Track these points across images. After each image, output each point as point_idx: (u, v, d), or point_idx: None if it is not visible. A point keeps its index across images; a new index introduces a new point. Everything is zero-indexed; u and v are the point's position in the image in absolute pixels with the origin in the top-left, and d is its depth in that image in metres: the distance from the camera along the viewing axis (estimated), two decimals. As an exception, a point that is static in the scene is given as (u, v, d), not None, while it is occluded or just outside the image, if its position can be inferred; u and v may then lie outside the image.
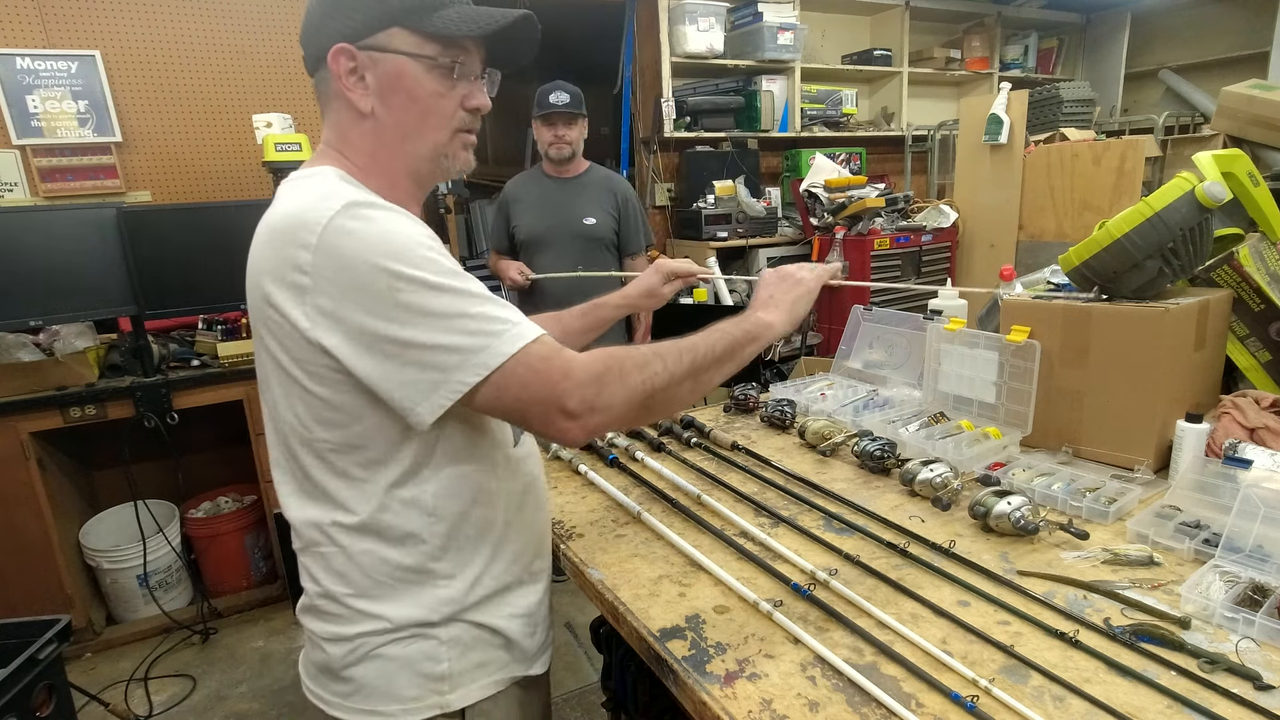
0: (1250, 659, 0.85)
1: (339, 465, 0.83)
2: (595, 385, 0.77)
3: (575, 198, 2.69)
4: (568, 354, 0.78)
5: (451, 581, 0.88)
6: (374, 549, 0.85)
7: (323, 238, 0.73)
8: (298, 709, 2.32)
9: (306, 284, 0.74)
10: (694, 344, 0.88)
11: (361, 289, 0.73)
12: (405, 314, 0.73)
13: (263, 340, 0.81)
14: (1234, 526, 1.04)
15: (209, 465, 3.05)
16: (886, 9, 4.48)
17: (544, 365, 0.76)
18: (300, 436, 0.83)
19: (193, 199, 3.00)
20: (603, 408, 0.78)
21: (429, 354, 0.74)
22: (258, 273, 0.79)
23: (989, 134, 3.54)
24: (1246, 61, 4.56)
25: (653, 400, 0.82)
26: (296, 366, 0.78)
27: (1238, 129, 3.07)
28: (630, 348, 0.83)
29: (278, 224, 0.77)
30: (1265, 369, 1.48)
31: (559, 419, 0.77)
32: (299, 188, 0.81)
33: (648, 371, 0.81)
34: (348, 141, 0.87)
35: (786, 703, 0.81)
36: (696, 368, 0.86)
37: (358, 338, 0.74)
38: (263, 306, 0.78)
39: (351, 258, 0.73)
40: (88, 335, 2.61)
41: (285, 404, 0.82)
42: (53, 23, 2.72)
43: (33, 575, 2.46)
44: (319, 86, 0.88)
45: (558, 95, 2.55)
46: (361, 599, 0.86)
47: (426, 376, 0.74)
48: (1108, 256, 1.31)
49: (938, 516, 1.23)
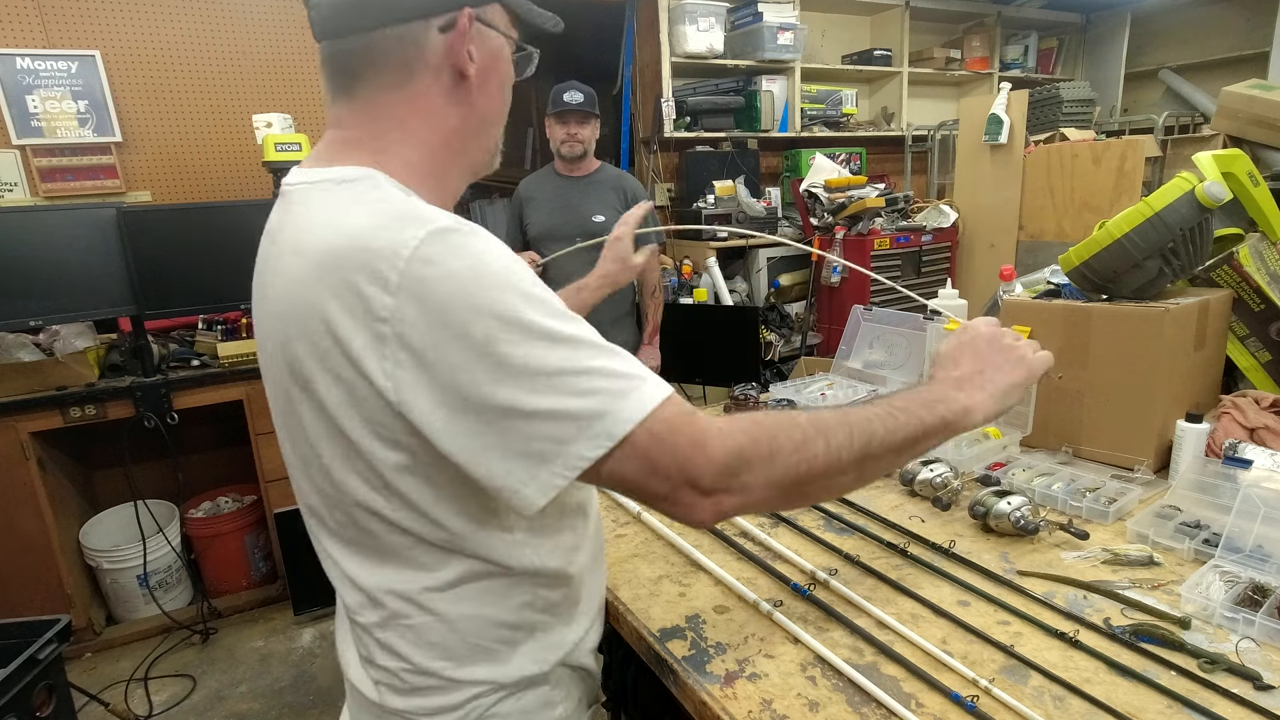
0: (1250, 659, 0.85)
1: (418, 531, 0.68)
2: (735, 461, 0.63)
3: (586, 196, 2.70)
4: (702, 420, 0.63)
5: (566, 629, 0.79)
6: (477, 611, 0.72)
7: (407, 274, 0.57)
8: (298, 709, 2.32)
9: (385, 333, 0.58)
10: (869, 421, 0.69)
11: (455, 340, 0.58)
12: (507, 371, 0.58)
13: (310, 385, 0.64)
14: (1234, 526, 1.04)
15: (209, 465, 3.05)
16: (886, 9, 4.48)
17: (673, 434, 0.61)
18: (366, 506, 0.68)
19: (193, 199, 3.00)
20: (740, 489, 0.63)
21: (537, 423, 0.59)
22: (308, 305, 0.61)
23: (989, 134, 3.54)
24: (1246, 61, 4.56)
25: (806, 488, 0.67)
26: (365, 428, 0.63)
27: (1238, 129, 3.07)
28: (792, 417, 0.67)
29: (338, 247, 0.60)
30: (1265, 369, 1.48)
31: (687, 495, 0.63)
32: (348, 197, 0.65)
33: (805, 453, 0.65)
34: (407, 129, 0.70)
35: (786, 703, 0.81)
36: (869, 454, 0.69)
37: (446, 402, 0.59)
38: (320, 344, 0.61)
39: (443, 301, 0.57)
40: (88, 335, 2.61)
41: (342, 469, 0.67)
42: (53, 23, 2.72)
43: (33, 575, 2.46)
44: (373, 54, 0.67)
45: (572, 94, 2.59)
46: (465, 667, 0.73)
47: (534, 449, 0.59)
48: (1108, 256, 1.31)
49: (938, 516, 1.23)
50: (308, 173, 0.70)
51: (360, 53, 0.68)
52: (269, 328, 0.68)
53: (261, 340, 0.72)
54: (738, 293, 3.72)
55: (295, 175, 0.72)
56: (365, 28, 0.66)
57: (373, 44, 0.67)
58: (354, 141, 0.70)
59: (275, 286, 0.67)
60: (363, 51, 0.67)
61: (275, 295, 0.66)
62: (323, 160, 0.71)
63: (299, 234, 0.65)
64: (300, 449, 0.71)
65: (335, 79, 0.70)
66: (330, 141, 0.72)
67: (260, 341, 0.73)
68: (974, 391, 0.78)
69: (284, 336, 0.65)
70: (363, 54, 0.68)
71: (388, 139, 0.70)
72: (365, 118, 0.70)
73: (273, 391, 0.73)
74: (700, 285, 3.57)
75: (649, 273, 2.85)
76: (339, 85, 0.70)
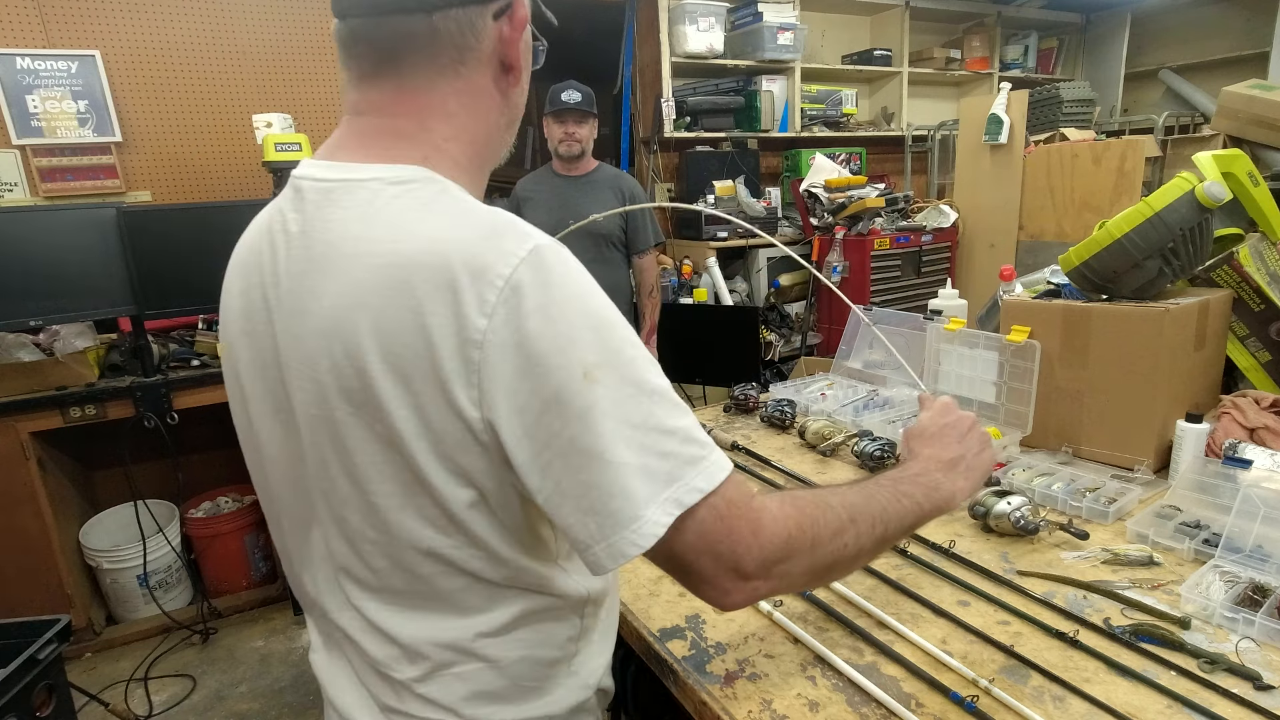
0: (1250, 659, 0.85)
1: (477, 570, 0.64)
2: (783, 550, 0.61)
3: (583, 196, 2.71)
4: (758, 502, 0.61)
5: (601, 653, 0.77)
6: (529, 652, 0.69)
7: (506, 295, 0.53)
8: (298, 709, 2.32)
9: (476, 358, 0.54)
10: (885, 512, 0.70)
11: (551, 372, 0.54)
12: (599, 415, 0.54)
13: (381, 410, 0.57)
14: (1234, 526, 1.04)
15: (209, 465, 3.04)
16: (886, 9, 4.48)
17: (733, 514, 0.58)
18: (422, 547, 0.62)
19: (193, 199, 3.00)
20: (780, 575, 0.61)
21: (615, 474, 0.55)
22: (387, 319, 0.55)
23: (989, 134, 3.54)
24: (1246, 61, 4.56)
25: (831, 574, 0.69)
26: (437, 461, 0.58)
27: (1238, 129, 3.07)
28: (825, 499, 0.66)
29: (424, 258, 0.55)
30: (1265, 369, 1.48)
31: (728, 578, 0.59)
32: (415, 202, 0.59)
33: (839, 542, 0.65)
34: (455, 122, 0.64)
35: (786, 703, 0.81)
36: (884, 541, 0.70)
37: (532, 435, 0.55)
38: (403, 365, 0.56)
39: (540, 330, 0.53)
40: (88, 335, 2.61)
41: (400, 507, 0.61)
42: (53, 23, 2.72)
43: (33, 575, 2.46)
44: (429, 38, 0.61)
45: (570, 93, 2.60)
46: (515, 706, 0.70)
47: (612, 507, 0.55)
48: (1108, 256, 1.31)
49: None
50: (344, 168, 0.62)
51: (412, 35, 0.61)
52: (309, 346, 0.60)
53: (284, 361, 0.63)
54: (738, 293, 3.72)
55: (319, 169, 0.63)
56: (425, 8, 0.60)
57: (432, 26, 0.60)
58: (397, 132, 0.63)
59: (326, 298, 0.58)
60: (416, 34, 0.61)
61: (326, 307, 0.58)
62: (358, 152, 0.63)
63: (358, 241, 0.58)
64: (337, 491, 0.63)
65: (368, 60, 0.62)
66: (364, 131, 0.64)
67: (281, 362, 0.63)
68: (957, 479, 0.79)
69: (340, 355, 0.58)
70: (415, 37, 0.61)
71: (438, 132, 0.63)
72: (412, 106, 0.63)
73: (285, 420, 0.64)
74: (700, 285, 3.57)
75: (646, 272, 2.86)
76: (373, 68, 0.62)
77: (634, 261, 2.85)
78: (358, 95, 0.64)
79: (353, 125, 0.65)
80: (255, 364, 0.67)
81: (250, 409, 0.70)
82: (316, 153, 0.67)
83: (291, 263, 0.62)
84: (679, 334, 3.10)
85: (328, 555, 0.68)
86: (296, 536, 0.71)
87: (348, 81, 0.65)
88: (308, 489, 0.66)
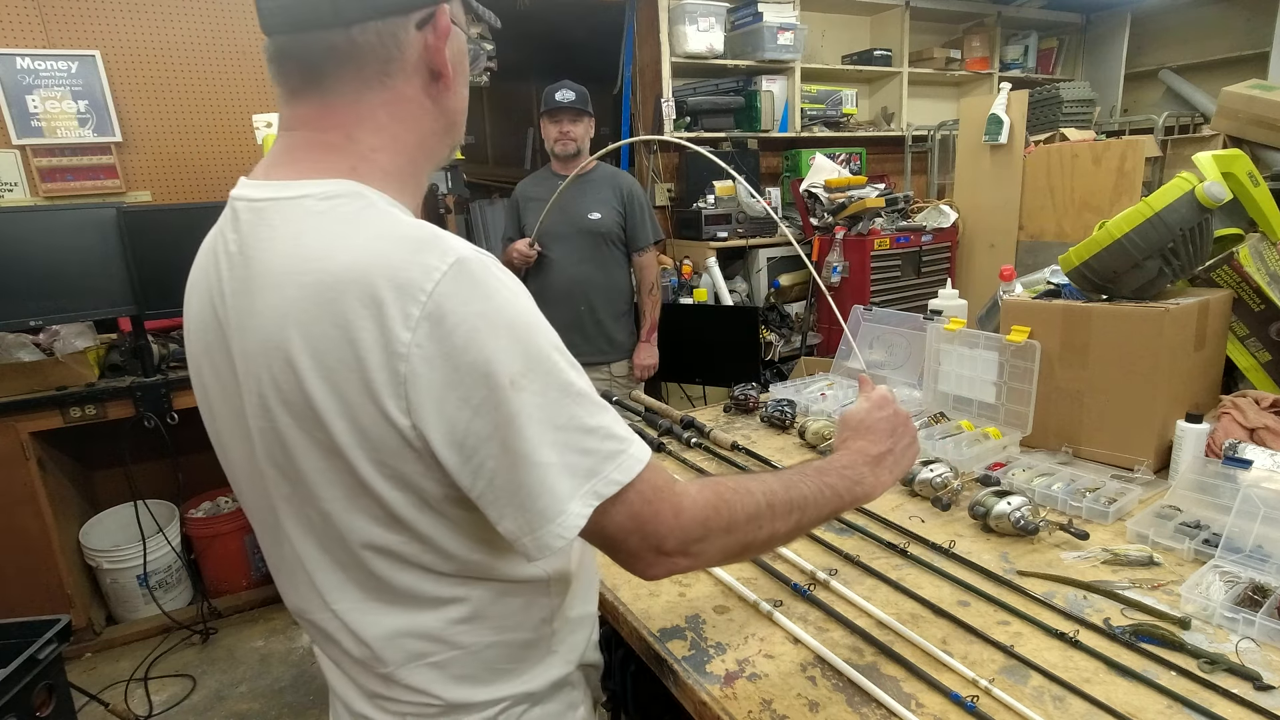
0: (1250, 659, 0.85)
1: (430, 564, 0.66)
2: (699, 530, 0.67)
3: (581, 195, 2.71)
4: (679, 487, 0.67)
5: (580, 629, 0.80)
6: (499, 638, 0.72)
7: (429, 309, 0.55)
8: (298, 709, 2.32)
9: (403, 371, 0.56)
10: (804, 500, 0.75)
11: (474, 383, 0.56)
12: (524, 420, 0.57)
13: (320, 420, 0.59)
14: (1234, 526, 1.04)
15: (209, 465, 2.99)
16: (886, 9, 4.48)
17: (656, 498, 0.64)
18: (374, 545, 0.65)
19: (193, 199, 3.00)
20: (697, 554, 0.68)
21: (541, 474, 0.58)
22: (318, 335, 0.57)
23: (989, 134, 3.54)
24: (1246, 61, 4.56)
25: (745, 554, 0.74)
26: (375, 469, 0.60)
27: (1238, 129, 3.07)
28: (747, 486, 0.71)
29: (348, 274, 0.56)
30: (1265, 369, 1.48)
31: (649, 555, 0.66)
32: (341, 217, 0.60)
33: (753, 526, 0.70)
34: (386, 133, 0.66)
35: (786, 703, 0.81)
36: (800, 527, 0.75)
37: (458, 444, 0.58)
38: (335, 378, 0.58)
39: (465, 341, 0.55)
40: (88, 335, 2.61)
41: (346, 510, 0.63)
42: (53, 23, 2.72)
43: (33, 575, 2.46)
44: (349, 51, 0.62)
45: (564, 93, 2.62)
46: (494, 686, 0.73)
47: (539, 506, 0.59)
48: (1108, 256, 1.31)
49: (938, 516, 1.23)
50: (274, 186, 0.63)
51: (333, 49, 0.62)
52: (253, 362, 0.62)
53: (239, 376, 0.64)
54: (738, 293, 3.72)
55: (251, 189, 0.65)
56: (342, 22, 0.60)
57: (351, 40, 0.61)
58: (326, 145, 0.64)
59: (263, 315, 0.60)
60: (337, 48, 0.62)
61: (263, 324, 0.60)
62: (289, 169, 0.64)
63: (289, 259, 0.60)
64: (292, 499, 0.66)
65: (295, 76, 0.64)
66: (294, 146, 0.65)
67: (237, 378, 0.64)
68: (882, 473, 0.83)
69: (279, 369, 0.60)
70: (336, 51, 0.62)
71: (365, 143, 0.65)
72: (339, 119, 0.64)
73: (244, 433, 0.66)
74: (700, 285, 3.57)
75: (646, 270, 2.86)
76: (301, 83, 0.64)
77: (634, 259, 2.84)
78: (289, 111, 0.66)
79: (283, 141, 0.67)
80: (217, 381, 0.69)
81: (218, 425, 0.72)
82: (253, 171, 0.68)
83: (234, 282, 0.64)
84: (679, 334, 3.10)
85: (297, 560, 0.69)
86: (269, 543, 0.74)
87: (279, 98, 0.66)
88: (270, 498, 0.68)
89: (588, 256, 2.75)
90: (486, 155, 5.61)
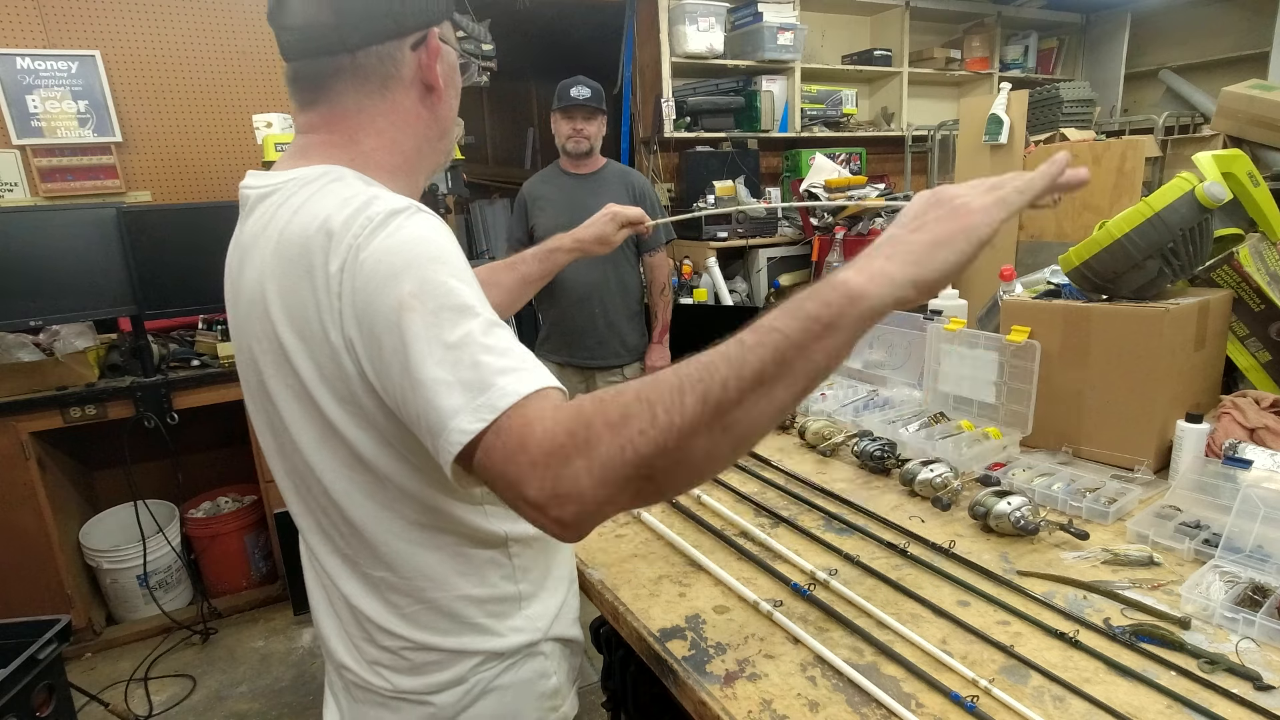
0: (1250, 659, 0.85)
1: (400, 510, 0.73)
2: (555, 463, 0.52)
3: (593, 194, 2.69)
4: (534, 414, 0.55)
5: (549, 597, 0.85)
6: (466, 592, 0.78)
7: (355, 248, 0.62)
8: (298, 709, 2.32)
9: (336, 306, 0.63)
10: (706, 366, 0.53)
11: (383, 307, 0.61)
12: (410, 339, 0.59)
13: (292, 365, 0.68)
14: (1234, 526, 1.04)
15: (209, 465, 3.05)
16: (886, 9, 4.48)
17: (510, 432, 0.55)
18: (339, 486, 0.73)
19: (193, 199, 3.00)
20: (568, 495, 0.52)
21: (435, 391, 0.58)
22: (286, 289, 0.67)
23: (989, 134, 3.54)
24: (1246, 61, 4.55)
25: (652, 472, 0.52)
26: (338, 406, 0.68)
27: (1238, 129, 3.07)
28: (616, 392, 0.55)
29: (307, 234, 0.65)
30: (1265, 369, 1.48)
31: (525, 510, 0.55)
32: (311, 191, 0.69)
33: (627, 432, 0.51)
34: (385, 136, 0.75)
35: (786, 703, 0.81)
36: (720, 405, 0.52)
37: (378, 369, 0.63)
38: (299, 325, 0.66)
39: (374, 269, 0.61)
40: (88, 335, 2.61)
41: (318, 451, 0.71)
42: (53, 23, 2.72)
43: (33, 575, 2.46)
44: (353, 72, 0.73)
45: (579, 90, 2.57)
46: (464, 638, 0.79)
47: (433, 419, 0.58)
48: (1108, 256, 1.31)
49: (938, 516, 1.23)
50: (278, 175, 0.74)
51: (340, 70, 0.73)
52: (246, 326, 0.73)
53: (239, 343, 0.76)
54: (738, 293, 3.72)
55: (258, 179, 0.76)
56: (348, 49, 0.72)
57: (355, 62, 0.72)
58: (332, 144, 0.74)
59: (249, 278, 0.71)
60: (343, 69, 0.73)
61: (249, 287, 0.71)
62: (298, 161, 0.74)
63: (269, 226, 0.70)
64: (286, 454, 0.75)
65: (308, 91, 0.75)
66: (305, 146, 0.76)
67: (237, 345, 0.77)
68: (869, 263, 0.56)
69: (260, 324, 0.69)
70: (342, 71, 0.73)
71: (366, 144, 0.75)
72: (345, 125, 0.75)
73: (252, 396, 0.76)
74: (700, 285, 3.57)
75: (658, 271, 2.84)
76: (313, 97, 0.75)
77: (645, 260, 2.81)
78: (303, 119, 0.77)
79: (297, 143, 0.78)
80: (239, 357, 0.78)
81: (249, 398, 0.80)
82: (276, 164, 0.78)
83: (236, 259, 0.76)
84: (679, 334, 3.10)
85: (304, 516, 0.79)
86: (291, 506, 0.82)
87: (294, 109, 0.78)
88: (276, 460, 0.78)
89: (601, 258, 2.71)
90: (486, 155, 5.60)
